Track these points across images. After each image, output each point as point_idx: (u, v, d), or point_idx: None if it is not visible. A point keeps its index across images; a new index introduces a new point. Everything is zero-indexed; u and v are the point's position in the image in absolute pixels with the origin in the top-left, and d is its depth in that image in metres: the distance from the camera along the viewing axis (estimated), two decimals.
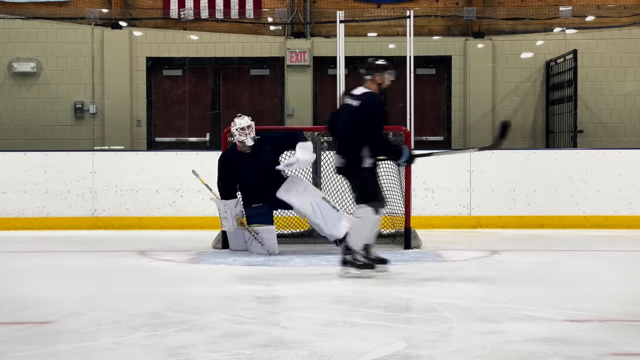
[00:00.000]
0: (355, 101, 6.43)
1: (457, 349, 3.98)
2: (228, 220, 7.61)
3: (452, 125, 13.37)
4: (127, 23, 13.38)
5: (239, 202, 7.68)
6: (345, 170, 6.53)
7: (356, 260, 6.38)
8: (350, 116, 6.43)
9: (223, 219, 7.69)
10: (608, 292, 5.73)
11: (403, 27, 11.84)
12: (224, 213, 7.62)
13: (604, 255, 7.88)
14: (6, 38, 13.10)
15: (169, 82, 13.55)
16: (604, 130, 13.13)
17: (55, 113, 13.15)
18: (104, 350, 4.04)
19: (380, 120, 6.38)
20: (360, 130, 6.34)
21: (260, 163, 7.57)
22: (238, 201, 7.66)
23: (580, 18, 13.16)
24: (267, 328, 4.47)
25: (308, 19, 13.34)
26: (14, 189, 9.90)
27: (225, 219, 7.65)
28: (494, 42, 13.27)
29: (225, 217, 7.63)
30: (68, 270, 6.93)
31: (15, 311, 5.04)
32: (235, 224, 7.62)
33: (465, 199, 9.89)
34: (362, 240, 6.37)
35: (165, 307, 5.01)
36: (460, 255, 7.58)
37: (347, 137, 6.44)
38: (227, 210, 7.59)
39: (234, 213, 7.60)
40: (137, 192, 9.91)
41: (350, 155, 6.42)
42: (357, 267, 6.37)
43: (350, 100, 6.49)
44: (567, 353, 3.88)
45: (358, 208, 6.43)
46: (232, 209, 7.59)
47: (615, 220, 9.80)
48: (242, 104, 13.41)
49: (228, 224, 7.65)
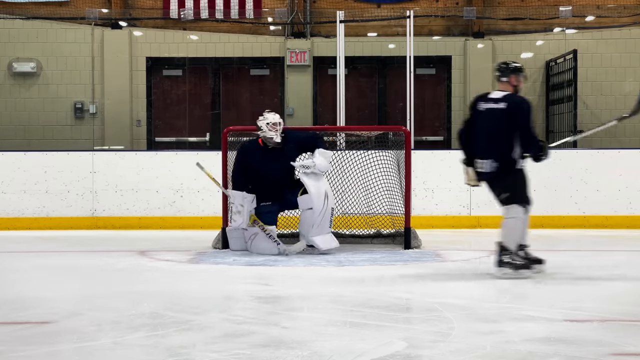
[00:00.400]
0: (500, 104, 6.37)
1: (457, 349, 3.98)
2: (242, 215, 7.45)
3: (452, 125, 13.36)
4: (127, 23, 13.38)
5: (254, 198, 7.55)
6: (497, 174, 6.39)
7: (514, 261, 6.32)
8: (498, 119, 6.35)
9: (235, 214, 7.49)
10: (608, 292, 5.73)
11: (403, 27, 11.84)
12: (239, 207, 7.45)
13: (604, 255, 7.88)
14: (6, 38, 13.10)
15: (169, 82, 13.55)
16: (604, 130, 13.11)
17: (55, 113, 13.14)
18: (104, 350, 4.04)
19: (531, 118, 6.38)
20: (512, 132, 6.31)
21: (284, 161, 7.50)
22: (254, 197, 7.55)
23: (580, 18, 13.16)
24: (267, 328, 4.47)
25: (308, 19, 13.34)
26: (14, 189, 9.90)
27: (238, 214, 7.47)
28: (494, 42, 13.27)
29: (239, 212, 7.46)
30: (68, 270, 6.93)
31: (15, 311, 5.04)
32: (248, 221, 7.51)
33: (465, 199, 9.89)
34: (517, 240, 6.34)
35: (165, 307, 5.01)
36: (460, 255, 7.58)
37: (497, 140, 6.35)
38: (244, 204, 7.44)
39: (250, 208, 7.50)
40: (137, 192, 9.91)
41: (503, 158, 6.34)
42: (515, 268, 6.31)
43: (491, 104, 6.43)
44: (567, 353, 3.88)
45: (509, 208, 6.38)
46: (249, 203, 7.49)
47: (615, 220, 9.80)
48: (242, 104, 13.42)
49: (240, 219, 7.47)
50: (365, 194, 8.43)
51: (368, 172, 8.42)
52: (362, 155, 8.46)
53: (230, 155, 8.08)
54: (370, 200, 8.41)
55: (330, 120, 12.60)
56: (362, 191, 8.45)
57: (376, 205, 8.38)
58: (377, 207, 8.38)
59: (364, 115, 13.36)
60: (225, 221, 8.01)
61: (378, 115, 13.45)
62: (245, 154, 7.64)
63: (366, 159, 8.44)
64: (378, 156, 8.41)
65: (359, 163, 8.47)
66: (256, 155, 7.58)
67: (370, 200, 8.41)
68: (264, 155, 7.56)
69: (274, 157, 7.54)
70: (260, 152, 7.59)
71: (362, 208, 8.46)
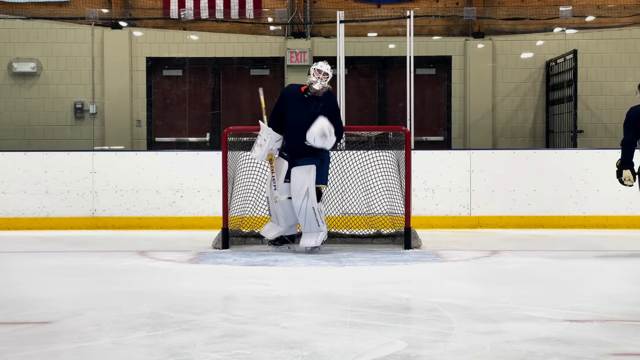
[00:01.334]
0: None
1: (457, 349, 3.98)
2: (262, 148, 7.54)
3: (452, 125, 13.37)
4: (127, 23, 13.38)
5: (282, 140, 7.63)
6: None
7: None
8: None
9: (257, 145, 7.59)
10: (608, 292, 5.73)
11: (403, 27, 11.84)
12: (262, 140, 7.54)
13: (604, 255, 7.88)
14: (6, 38, 13.10)
15: (169, 82, 13.55)
16: (604, 130, 13.13)
17: (55, 113, 13.14)
18: (104, 350, 4.04)
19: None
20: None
21: (314, 113, 7.47)
22: (281, 139, 7.62)
23: (580, 18, 13.16)
24: (267, 328, 4.47)
25: (308, 19, 13.34)
26: (14, 189, 9.90)
27: (259, 146, 7.56)
28: (494, 42, 13.27)
29: (260, 145, 7.56)
30: (68, 270, 6.93)
31: (15, 311, 5.04)
32: (266, 156, 7.59)
33: (465, 199, 9.89)
34: None
35: (165, 307, 5.01)
36: (460, 255, 7.58)
37: None
38: (268, 138, 7.52)
39: (271, 145, 7.55)
40: (137, 192, 9.91)
41: None
42: None
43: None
44: (567, 353, 3.88)
45: None
46: (273, 139, 7.54)
47: (615, 220, 9.80)
48: (242, 104, 13.41)
49: (260, 151, 7.56)
50: (365, 194, 8.43)
51: (368, 172, 8.42)
52: (362, 155, 8.46)
53: (231, 155, 8.10)
54: (370, 200, 8.41)
55: None
56: (362, 191, 8.45)
57: (376, 205, 8.38)
58: (377, 207, 8.38)
59: (364, 116, 13.36)
60: (226, 221, 8.03)
61: (378, 115, 13.45)
62: (285, 96, 7.74)
63: (366, 159, 8.44)
64: (378, 156, 8.41)
65: (359, 163, 8.47)
66: (292, 98, 7.65)
67: (370, 200, 8.41)
68: (299, 100, 7.61)
69: (306, 106, 7.55)
70: (297, 96, 7.65)
71: (362, 208, 8.46)
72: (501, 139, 13.24)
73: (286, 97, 7.73)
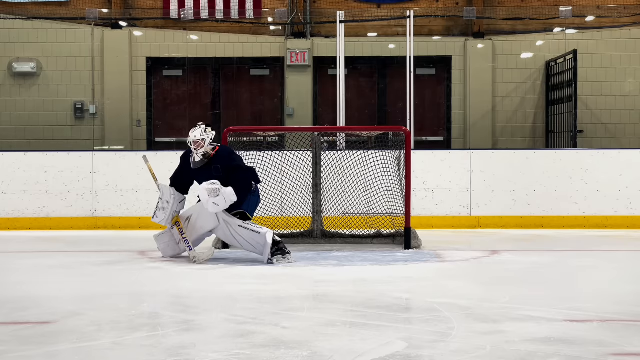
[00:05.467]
0: None
1: (457, 349, 3.98)
2: (166, 211, 7.31)
3: (452, 125, 13.37)
4: (127, 23, 13.38)
5: (184, 201, 7.47)
6: None
7: None
8: None
9: (160, 210, 7.34)
10: (608, 292, 5.73)
11: (403, 27, 11.85)
12: (165, 203, 7.32)
13: (604, 255, 7.88)
14: (6, 38, 13.10)
15: (169, 82, 13.56)
16: (604, 130, 13.14)
17: (55, 113, 13.15)
18: (104, 350, 4.04)
19: None
20: None
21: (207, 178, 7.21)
22: (184, 199, 7.46)
23: (580, 18, 13.16)
24: (267, 328, 4.47)
25: (308, 19, 13.34)
26: (14, 189, 9.90)
27: (162, 210, 7.32)
28: (494, 42, 13.27)
29: (163, 208, 7.33)
30: (68, 270, 6.93)
31: (15, 311, 5.04)
32: (170, 220, 7.33)
33: (465, 199, 9.89)
34: None
35: (165, 307, 5.01)
36: (460, 255, 7.58)
37: None
38: (171, 200, 7.32)
39: (175, 207, 7.35)
40: (137, 192, 9.91)
41: None
42: None
43: None
44: (567, 353, 3.88)
45: None
46: (177, 200, 7.34)
47: (615, 220, 9.80)
48: (242, 104, 13.41)
49: (163, 215, 7.32)
50: (365, 194, 8.44)
51: (368, 172, 8.42)
52: (362, 155, 8.46)
53: None
54: (370, 200, 8.41)
55: (330, 120, 12.61)
56: (362, 191, 8.45)
57: (376, 205, 8.38)
58: (377, 207, 8.38)
59: (364, 116, 13.37)
60: None
61: (378, 116, 13.46)
62: (187, 160, 7.50)
63: (366, 159, 8.44)
64: (378, 156, 8.41)
65: (359, 163, 8.47)
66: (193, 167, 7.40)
67: (370, 200, 8.41)
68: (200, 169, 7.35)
69: (207, 173, 7.29)
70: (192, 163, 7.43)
71: (362, 208, 8.46)
72: (501, 139, 13.24)
73: (186, 162, 7.48)
